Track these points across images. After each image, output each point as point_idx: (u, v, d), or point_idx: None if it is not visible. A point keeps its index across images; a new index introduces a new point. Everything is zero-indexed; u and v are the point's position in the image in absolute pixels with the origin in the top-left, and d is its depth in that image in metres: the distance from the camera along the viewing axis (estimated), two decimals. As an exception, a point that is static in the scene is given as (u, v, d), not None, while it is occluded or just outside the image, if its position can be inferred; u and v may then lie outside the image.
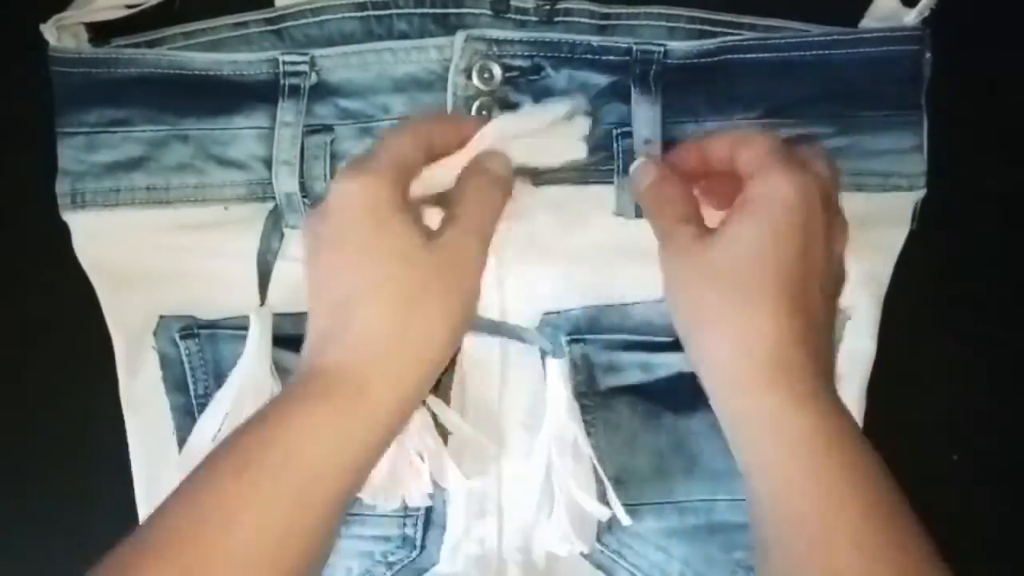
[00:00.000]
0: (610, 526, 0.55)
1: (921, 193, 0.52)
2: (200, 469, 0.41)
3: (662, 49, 0.51)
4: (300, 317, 0.53)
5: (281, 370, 0.53)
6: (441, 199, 0.48)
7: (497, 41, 0.51)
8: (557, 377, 0.51)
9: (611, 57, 0.51)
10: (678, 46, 0.51)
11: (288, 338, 0.53)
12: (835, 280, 0.47)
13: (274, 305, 0.53)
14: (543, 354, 0.52)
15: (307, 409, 0.42)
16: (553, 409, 0.51)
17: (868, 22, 0.53)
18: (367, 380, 0.42)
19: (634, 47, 0.51)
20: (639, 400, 0.54)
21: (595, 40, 0.51)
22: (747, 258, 0.44)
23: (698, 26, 0.54)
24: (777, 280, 0.43)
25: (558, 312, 0.54)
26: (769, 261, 0.44)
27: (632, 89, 0.51)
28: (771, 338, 0.43)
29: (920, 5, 0.51)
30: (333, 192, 0.45)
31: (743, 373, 0.44)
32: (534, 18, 0.54)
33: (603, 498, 0.51)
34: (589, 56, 0.51)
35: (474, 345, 0.54)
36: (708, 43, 0.51)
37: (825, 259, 0.45)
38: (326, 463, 0.41)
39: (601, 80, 0.52)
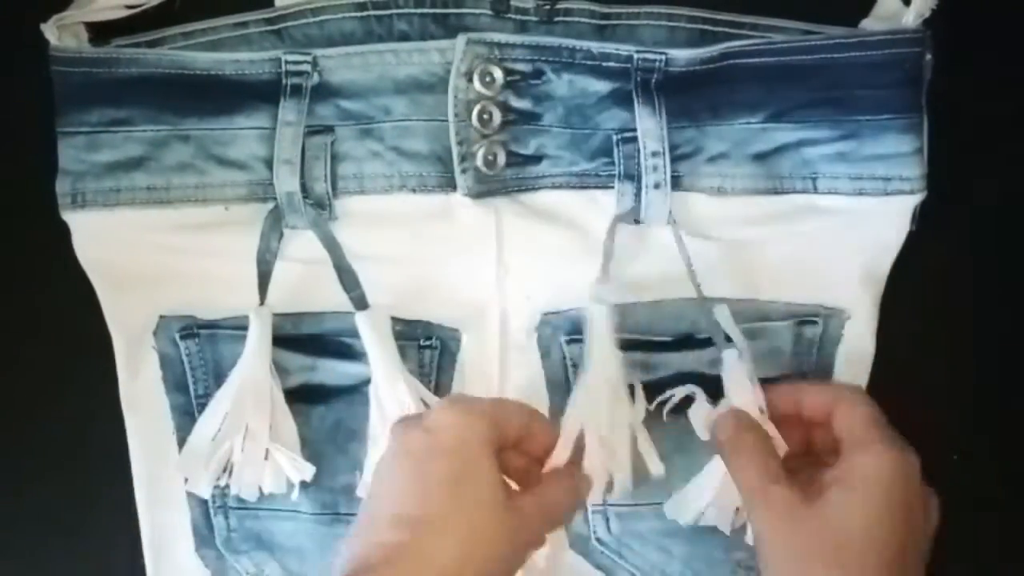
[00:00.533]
0: (609, 527, 0.55)
1: (921, 196, 0.52)
2: None
3: (663, 57, 0.51)
4: (300, 317, 0.53)
5: (281, 370, 0.53)
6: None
7: (499, 45, 0.51)
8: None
9: (612, 63, 0.51)
10: (679, 54, 0.51)
11: (288, 338, 0.53)
12: (925, 556, 0.48)
13: (274, 305, 0.53)
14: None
15: None
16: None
17: (870, 22, 0.53)
18: None
19: (635, 55, 0.51)
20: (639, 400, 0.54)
21: (596, 47, 0.51)
22: (853, 533, 0.44)
23: (699, 26, 0.54)
24: (881, 560, 0.44)
25: (557, 312, 0.54)
26: (876, 539, 0.44)
27: (635, 99, 0.52)
28: None
29: (919, 5, 0.51)
30: (436, 415, 0.46)
31: None
32: (534, 18, 0.54)
33: None
34: (589, 62, 0.51)
35: (474, 345, 0.54)
36: (709, 50, 0.51)
37: (922, 537, 0.47)
38: None
39: (601, 86, 0.52)
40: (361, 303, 0.52)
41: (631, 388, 0.51)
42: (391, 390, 0.52)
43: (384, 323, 0.53)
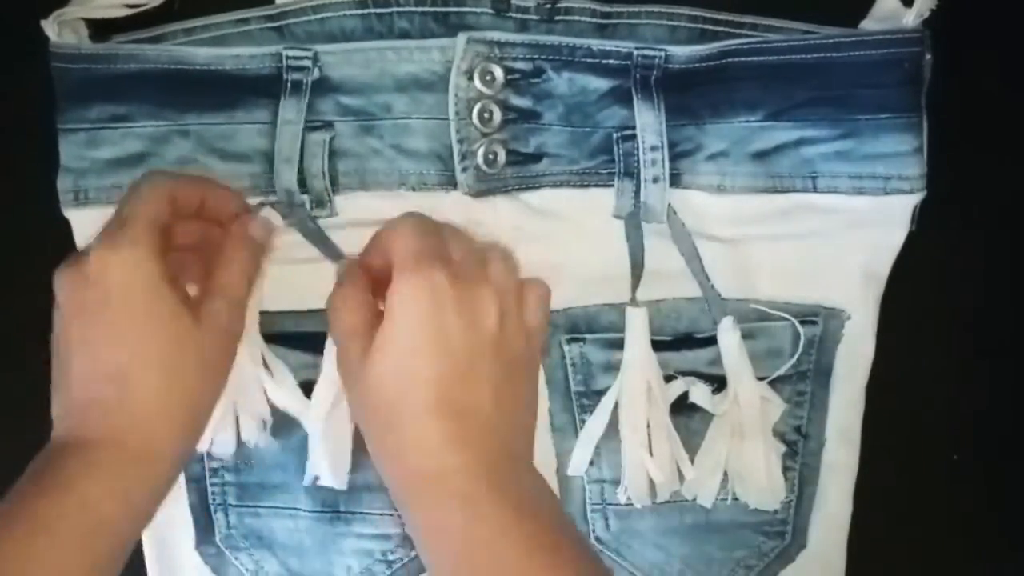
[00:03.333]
0: (608, 525, 0.56)
1: (921, 195, 0.53)
2: None
3: (663, 54, 0.51)
4: (302, 315, 0.54)
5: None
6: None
7: (499, 43, 0.52)
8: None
9: (612, 61, 0.52)
10: (679, 51, 0.51)
11: (289, 336, 0.54)
12: (513, 347, 0.47)
13: (275, 303, 0.54)
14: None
15: (92, 477, 0.44)
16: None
17: (869, 23, 0.53)
18: (148, 448, 0.45)
19: (635, 52, 0.52)
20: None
21: (595, 44, 0.52)
22: (388, 378, 0.45)
23: (699, 25, 0.54)
24: (420, 394, 0.44)
25: (557, 311, 0.55)
26: (409, 376, 0.44)
27: (634, 95, 0.52)
28: (424, 452, 0.44)
29: (919, 5, 0.51)
30: (95, 261, 0.45)
31: (400, 489, 0.46)
32: (535, 17, 0.54)
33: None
34: (589, 60, 0.52)
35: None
36: (709, 47, 0.51)
37: (477, 346, 0.45)
38: (111, 527, 0.44)
39: (602, 84, 0.52)
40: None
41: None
42: None
43: None
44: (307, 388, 0.54)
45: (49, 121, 0.53)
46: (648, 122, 0.52)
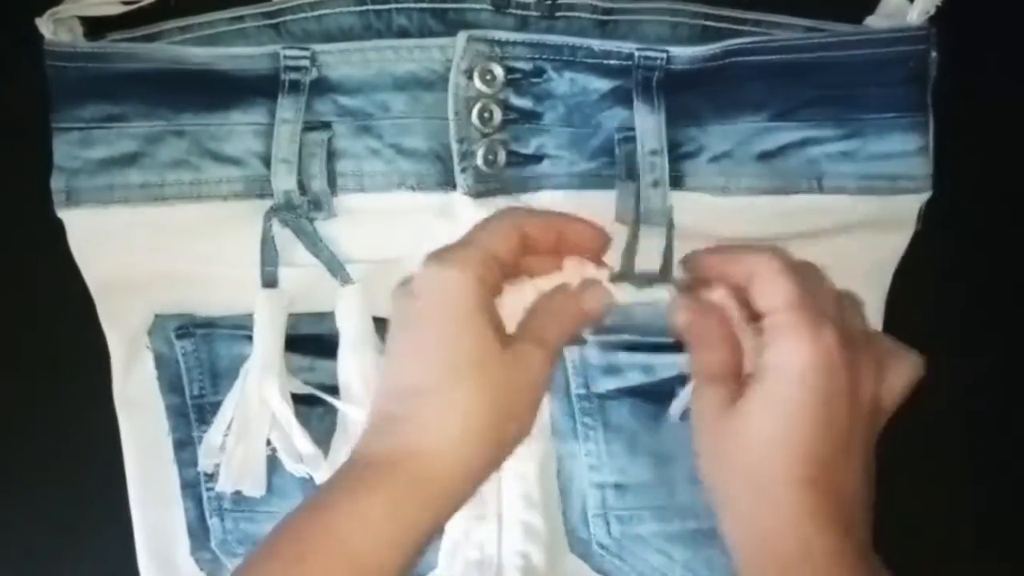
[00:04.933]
0: (610, 531, 0.56)
1: (927, 195, 0.53)
2: (259, 556, 0.42)
3: (665, 55, 0.51)
4: (299, 318, 0.54)
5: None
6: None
7: (499, 42, 0.52)
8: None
9: (613, 61, 0.52)
10: (681, 52, 0.51)
11: (287, 339, 0.53)
12: (871, 429, 0.45)
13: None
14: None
15: (372, 498, 0.43)
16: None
17: (875, 19, 0.53)
18: (436, 470, 0.43)
19: (636, 53, 0.51)
20: (639, 402, 0.55)
21: (597, 44, 0.52)
22: (762, 443, 0.42)
23: (701, 22, 0.54)
24: (797, 465, 0.42)
25: (557, 312, 0.55)
26: (788, 444, 0.42)
27: (634, 97, 0.52)
28: (791, 530, 0.42)
29: (923, 3, 0.51)
30: (422, 276, 0.45)
31: (763, 563, 0.43)
32: (535, 13, 0.54)
33: None
34: (591, 60, 0.52)
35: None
36: (712, 48, 0.51)
37: (855, 420, 0.43)
38: (387, 551, 0.42)
39: (603, 84, 0.52)
40: (345, 279, 0.53)
41: None
42: (356, 357, 0.52)
43: (363, 298, 0.53)
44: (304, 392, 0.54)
45: (43, 120, 0.53)
46: (648, 126, 0.52)
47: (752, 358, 0.45)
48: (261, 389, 0.52)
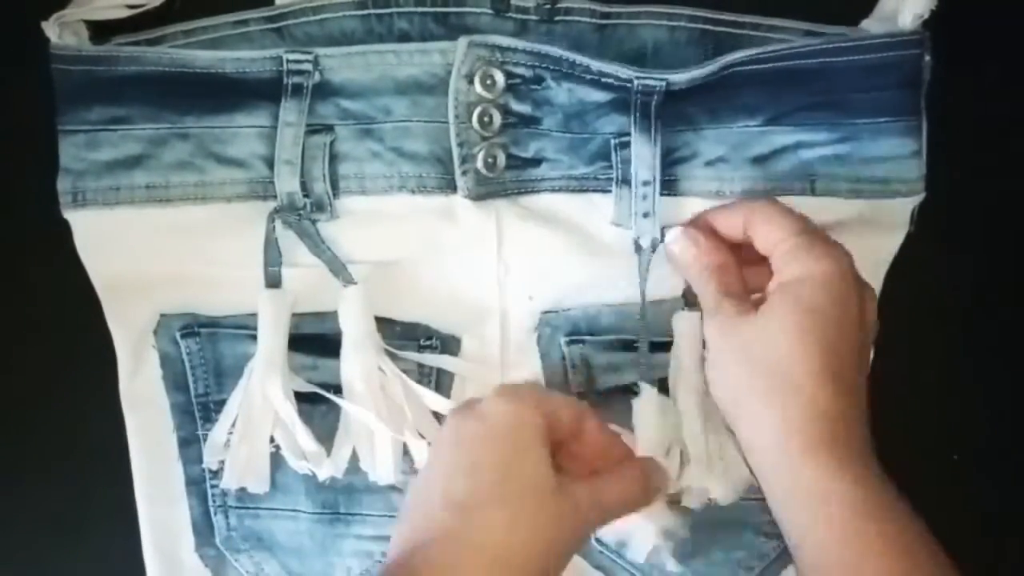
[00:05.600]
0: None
1: (919, 198, 0.53)
2: None
3: (663, 83, 0.52)
4: (301, 318, 0.55)
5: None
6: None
7: (500, 48, 0.52)
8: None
9: (611, 81, 0.52)
10: (680, 78, 0.51)
11: (290, 338, 0.54)
12: (868, 348, 0.50)
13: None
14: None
15: None
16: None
17: (871, 22, 0.54)
18: None
19: (635, 80, 0.52)
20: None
21: (595, 65, 0.52)
22: (787, 340, 0.47)
23: (699, 26, 0.55)
24: (819, 360, 0.47)
25: (557, 312, 0.55)
26: (809, 342, 0.47)
27: (631, 125, 0.52)
28: (813, 418, 0.46)
29: (917, 7, 0.52)
30: (492, 403, 0.47)
31: (786, 452, 0.47)
32: (534, 17, 0.55)
33: None
34: (588, 76, 0.52)
35: (474, 346, 0.56)
36: (709, 69, 0.51)
37: (860, 331, 0.48)
38: None
39: (600, 96, 0.53)
40: (347, 279, 0.54)
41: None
42: (359, 357, 0.53)
43: (365, 298, 0.53)
44: (307, 391, 0.55)
45: (49, 122, 0.54)
46: (644, 155, 0.53)
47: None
48: (265, 387, 0.53)
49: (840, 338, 0.47)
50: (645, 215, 0.53)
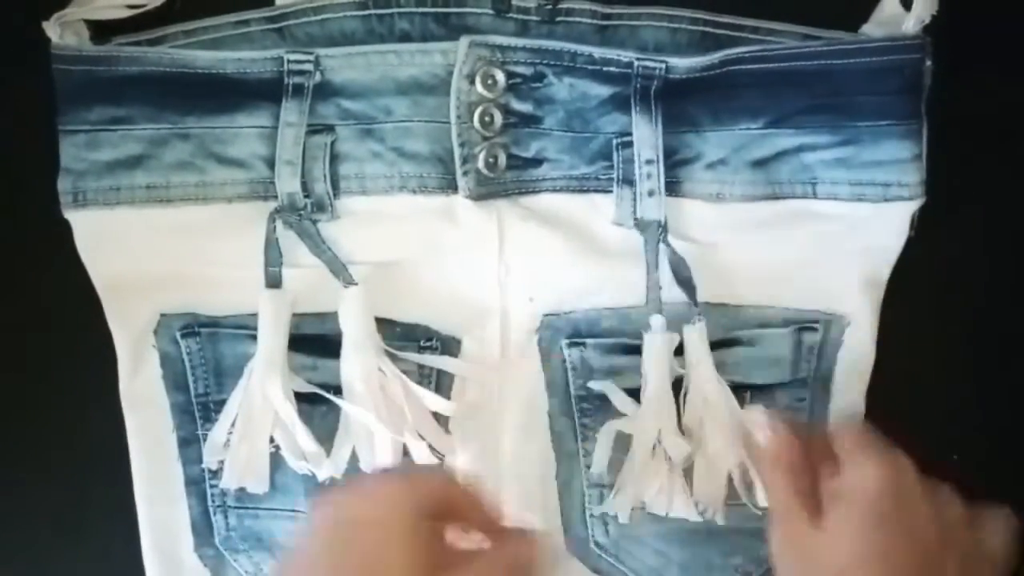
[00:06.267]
0: (607, 531, 0.57)
1: (920, 201, 0.53)
2: None
3: (664, 65, 0.52)
4: (301, 318, 0.55)
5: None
6: None
7: (501, 47, 0.53)
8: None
9: (613, 68, 0.53)
10: (680, 62, 0.52)
11: (290, 339, 0.54)
12: (968, 553, 0.47)
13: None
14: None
15: None
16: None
17: (871, 27, 0.54)
18: None
19: (636, 62, 0.52)
20: (638, 404, 0.55)
21: (597, 52, 0.53)
22: (850, 552, 0.45)
23: (700, 28, 0.55)
24: (884, 570, 0.45)
25: (558, 314, 0.56)
26: (870, 555, 0.45)
27: (632, 107, 0.53)
28: None
29: (919, 11, 0.52)
30: (351, 494, 0.45)
31: None
32: (536, 18, 0.55)
33: None
34: (591, 66, 0.53)
35: (474, 347, 0.56)
36: (710, 58, 0.52)
37: (941, 535, 0.46)
38: None
39: (602, 90, 0.53)
40: (347, 280, 0.54)
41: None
42: (359, 358, 0.53)
43: (365, 299, 0.53)
44: (307, 392, 0.55)
45: (50, 123, 0.54)
46: (645, 135, 0.53)
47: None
48: (264, 387, 0.53)
49: (912, 543, 0.46)
50: (650, 193, 0.53)
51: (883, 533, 0.45)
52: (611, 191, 0.54)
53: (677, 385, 0.54)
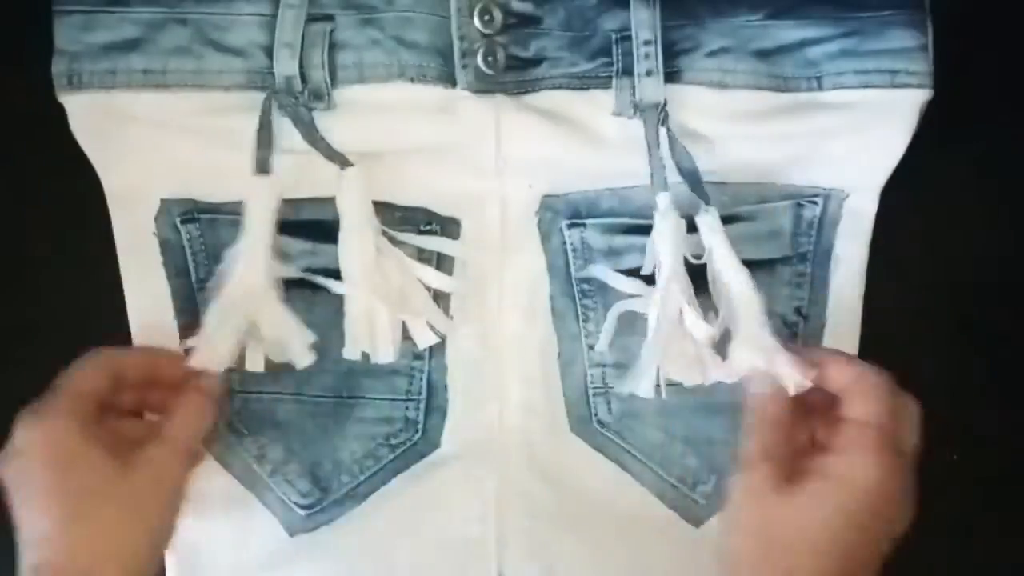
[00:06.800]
0: (610, 408, 0.57)
1: (928, 93, 0.54)
2: None
3: None
4: (299, 203, 0.55)
5: (282, 256, 0.54)
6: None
7: None
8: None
9: None
10: None
11: (288, 224, 0.54)
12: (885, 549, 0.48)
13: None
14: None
15: None
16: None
17: None
18: None
19: None
20: (639, 285, 0.56)
21: None
22: (809, 535, 0.45)
23: None
24: (834, 566, 0.45)
25: (557, 195, 0.56)
26: (832, 544, 0.45)
27: None
28: None
29: None
30: (16, 436, 0.48)
31: None
32: None
33: None
34: None
35: (474, 230, 0.56)
36: None
37: (890, 539, 0.47)
38: None
39: None
40: (344, 163, 0.54)
41: None
42: (357, 240, 0.53)
43: (363, 181, 0.53)
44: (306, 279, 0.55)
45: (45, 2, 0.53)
46: (643, 18, 0.54)
47: (809, 451, 0.48)
48: (246, 275, 0.53)
49: (864, 549, 0.46)
50: (648, 73, 0.54)
51: (851, 531, 0.45)
52: (611, 87, 0.55)
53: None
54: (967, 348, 0.60)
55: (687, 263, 0.53)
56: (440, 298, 0.56)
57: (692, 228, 0.54)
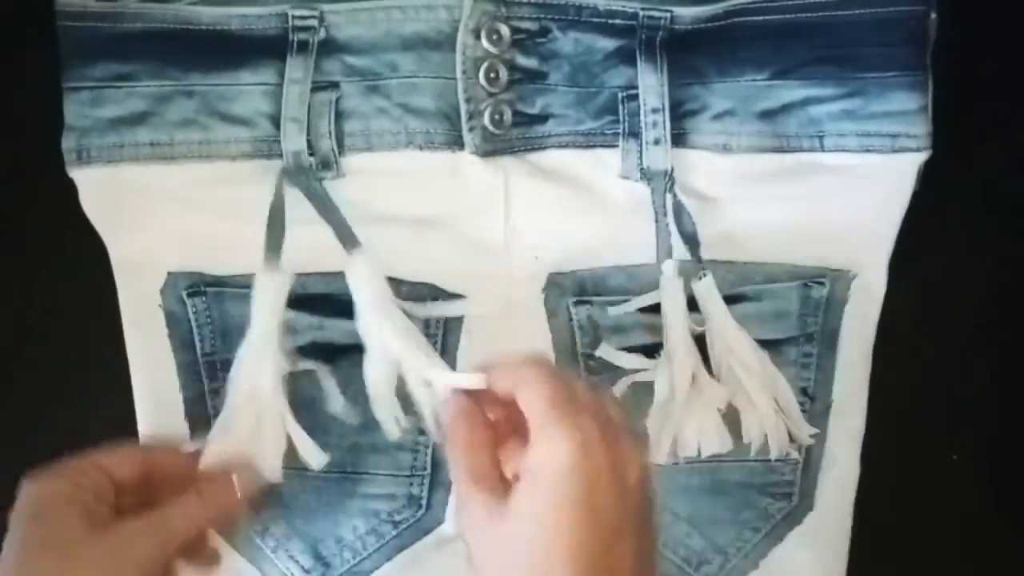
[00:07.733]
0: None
1: (926, 154, 0.54)
2: None
3: (669, 15, 0.53)
4: (307, 277, 0.55)
5: (290, 330, 0.53)
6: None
7: (505, 2, 0.53)
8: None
9: (617, 21, 0.53)
10: (684, 12, 0.53)
11: (296, 298, 0.53)
12: (645, 509, 0.45)
13: (281, 266, 0.53)
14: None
15: None
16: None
17: None
18: None
19: (640, 12, 0.53)
20: (644, 360, 0.55)
21: (602, 4, 0.53)
22: (532, 542, 0.42)
23: None
24: (569, 560, 0.42)
25: (564, 272, 0.56)
26: (558, 540, 0.42)
27: (638, 56, 0.54)
28: None
29: None
30: (23, 489, 0.47)
31: None
32: None
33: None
34: (595, 19, 0.53)
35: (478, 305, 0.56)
36: (715, 7, 0.53)
37: (625, 505, 0.43)
38: None
39: (607, 44, 0.54)
40: (353, 244, 0.53)
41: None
42: (381, 320, 0.51)
43: (371, 262, 0.52)
44: (314, 351, 0.55)
45: (54, 81, 0.54)
46: (650, 84, 0.54)
47: (515, 462, 0.45)
48: (254, 378, 0.51)
49: (596, 525, 0.42)
50: (656, 142, 0.54)
51: (567, 512, 0.42)
52: (617, 146, 0.55)
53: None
54: (967, 348, 0.59)
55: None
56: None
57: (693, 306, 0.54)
